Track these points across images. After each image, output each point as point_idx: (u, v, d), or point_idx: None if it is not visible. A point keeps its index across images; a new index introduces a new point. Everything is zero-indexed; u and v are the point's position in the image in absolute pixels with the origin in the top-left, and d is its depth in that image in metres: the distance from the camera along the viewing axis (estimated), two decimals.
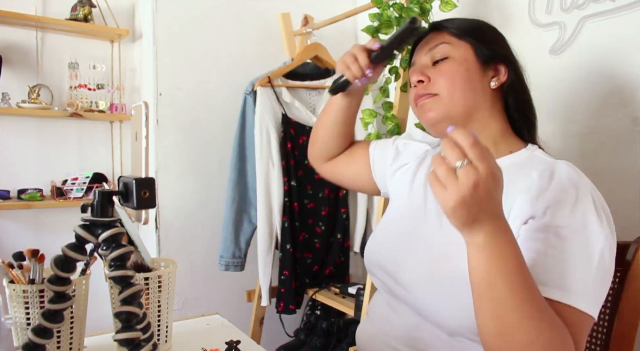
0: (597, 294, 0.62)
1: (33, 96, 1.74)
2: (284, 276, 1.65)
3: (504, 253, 0.55)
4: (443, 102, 0.77)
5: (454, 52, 0.78)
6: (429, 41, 0.82)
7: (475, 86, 0.77)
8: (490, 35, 0.82)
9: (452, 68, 0.77)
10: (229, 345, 0.83)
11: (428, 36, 0.83)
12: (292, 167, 1.65)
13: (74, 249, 0.64)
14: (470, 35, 0.79)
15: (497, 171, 0.53)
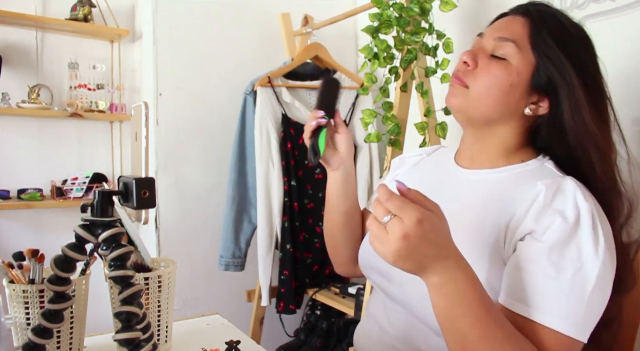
0: (586, 320, 0.61)
1: (33, 96, 1.75)
2: (284, 276, 1.65)
3: (461, 290, 0.56)
4: (469, 99, 0.73)
5: (515, 59, 0.70)
6: (508, 24, 0.73)
7: (509, 102, 0.71)
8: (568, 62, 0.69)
9: (500, 74, 0.70)
10: (229, 345, 0.83)
11: (514, 17, 0.73)
12: (292, 167, 1.65)
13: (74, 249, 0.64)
14: (545, 53, 0.69)
15: (426, 216, 0.53)
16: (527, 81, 0.70)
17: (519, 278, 0.63)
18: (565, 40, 0.70)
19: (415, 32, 1.31)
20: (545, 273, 0.61)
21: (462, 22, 1.51)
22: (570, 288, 0.60)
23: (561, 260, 0.61)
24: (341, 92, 0.84)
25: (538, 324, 0.60)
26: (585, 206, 0.63)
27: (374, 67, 1.35)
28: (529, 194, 0.66)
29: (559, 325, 0.59)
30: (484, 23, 1.50)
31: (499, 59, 0.71)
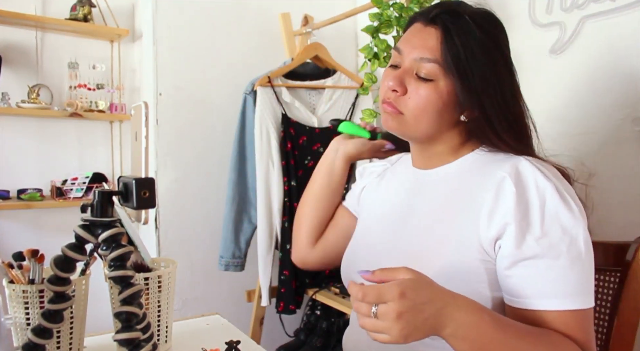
0: (589, 283, 0.65)
1: (33, 95, 1.75)
2: (284, 276, 1.65)
3: (473, 326, 0.58)
4: (405, 124, 0.74)
5: (441, 80, 0.71)
6: (423, 40, 0.72)
7: (445, 118, 0.73)
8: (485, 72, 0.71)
9: (430, 97, 0.71)
10: (229, 345, 0.83)
11: (425, 28, 0.73)
12: (292, 167, 1.65)
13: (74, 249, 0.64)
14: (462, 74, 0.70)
15: (404, 286, 0.55)
16: (455, 98, 0.72)
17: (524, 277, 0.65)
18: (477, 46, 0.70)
19: None
20: (545, 263, 0.64)
21: None
22: (571, 265, 0.63)
23: (552, 244, 0.64)
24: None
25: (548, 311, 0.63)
26: (548, 186, 0.66)
27: (374, 67, 1.35)
28: (492, 181, 0.68)
29: (572, 303, 0.63)
30: None
31: (426, 81, 0.71)
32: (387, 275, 0.58)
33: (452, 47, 0.69)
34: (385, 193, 0.88)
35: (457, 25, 0.70)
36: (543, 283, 0.64)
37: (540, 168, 0.68)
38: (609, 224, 1.18)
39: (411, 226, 0.77)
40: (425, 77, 0.71)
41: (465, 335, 0.58)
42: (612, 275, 0.89)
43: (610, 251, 0.90)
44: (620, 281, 0.87)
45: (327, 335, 1.69)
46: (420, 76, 0.71)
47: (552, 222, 0.64)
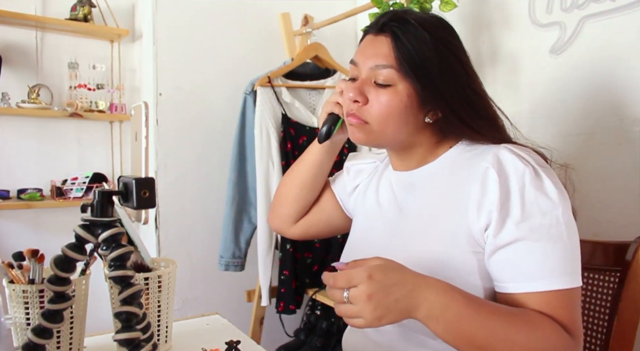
0: (573, 263, 0.65)
1: (33, 95, 1.74)
2: (284, 276, 1.65)
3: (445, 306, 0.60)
4: (372, 133, 0.75)
5: (399, 83, 0.71)
6: (375, 48, 0.73)
7: (409, 121, 0.73)
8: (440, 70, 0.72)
9: (391, 102, 0.72)
10: (229, 345, 0.83)
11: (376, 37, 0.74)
12: None
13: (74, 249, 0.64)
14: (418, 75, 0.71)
15: (372, 270, 0.58)
16: (416, 100, 0.72)
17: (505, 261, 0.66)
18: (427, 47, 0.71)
19: None
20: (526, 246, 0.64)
21: (462, 22, 1.51)
22: (553, 247, 0.64)
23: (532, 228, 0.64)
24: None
25: (531, 293, 0.64)
26: (527, 171, 0.66)
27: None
28: (476, 172, 0.69)
29: (554, 284, 0.63)
30: (484, 23, 1.50)
31: (385, 87, 0.72)
32: (358, 263, 0.61)
33: (404, 50, 0.71)
34: (376, 193, 0.87)
35: (405, 31, 0.71)
36: (524, 266, 0.65)
37: (520, 154, 0.68)
38: (609, 224, 1.18)
39: (404, 228, 0.77)
40: (384, 83, 0.72)
41: (439, 315, 0.59)
42: (612, 275, 0.89)
43: (610, 251, 0.90)
44: (620, 281, 0.87)
45: (327, 335, 1.69)
46: (378, 83, 0.72)
47: (532, 206, 0.65)
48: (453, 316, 0.60)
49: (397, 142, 0.77)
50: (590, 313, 0.91)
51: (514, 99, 1.38)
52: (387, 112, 0.72)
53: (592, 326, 0.91)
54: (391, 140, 0.76)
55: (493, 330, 0.60)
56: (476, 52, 1.47)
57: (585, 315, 0.92)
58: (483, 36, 1.47)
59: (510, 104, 1.36)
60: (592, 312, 0.91)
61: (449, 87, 0.72)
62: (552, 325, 0.62)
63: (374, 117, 0.73)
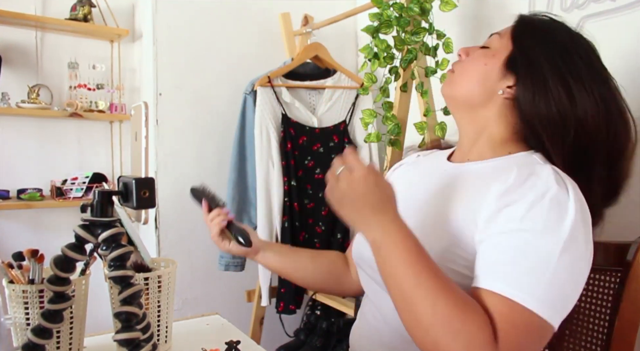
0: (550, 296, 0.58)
1: (33, 95, 1.74)
2: None
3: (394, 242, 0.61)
4: (453, 82, 0.80)
5: (494, 45, 0.78)
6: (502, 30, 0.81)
7: (485, 85, 0.75)
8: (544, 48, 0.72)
9: (477, 57, 0.78)
10: (229, 345, 0.83)
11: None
12: (292, 167, 1.65)
13: (74, 249, 0.64)
14: (520, 39, 0.75)
15: (372, 174, 0.62)
16: (501, 62, 0.75)
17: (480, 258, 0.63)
18: (545, 36, 0.74)
19: (415, 32, 1.31)
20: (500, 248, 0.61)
21: (462, 22, 1.51)
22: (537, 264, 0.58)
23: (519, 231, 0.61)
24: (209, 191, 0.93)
25: (484, 289, 0.60)
26: (550, 187, 0.62)
27: (374, 67, 1.35)
28: (504, 175, 0.66)
29: (504, 289, 0.58)
30: (484, 23, 1.50)
31: (483, 48, 0.80)
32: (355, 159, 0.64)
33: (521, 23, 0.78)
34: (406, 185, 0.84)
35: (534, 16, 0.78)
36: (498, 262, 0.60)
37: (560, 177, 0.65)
38: (609, 224, 1.17)
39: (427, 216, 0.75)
40: (484, 45, 0.80)
41: (383, 246, 0.61)
42: (612, 275, 0.89)
43: (611, 251, 0.90)
44: (621, 282, 0.87)
45: (327, 335, 1.68)
46: (483, 46, 0.80)
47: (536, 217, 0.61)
48: (395, 253, 0.60)
49: (466, 101, 0.78)
50: (591, 314, 0.91)
51: None
52: (469, 65, 0.78)
53: (592, 327, 0.91)
54: (462, 94, 0.78)
55: (423, 285, 0.58)
56: None
57: (586, 316, 0.92)
58: (483, 36, 1.47)
59: None
60: (592, 312, 0.91)
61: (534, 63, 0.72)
62: (484, 320, 0.57)
63: (460, 66, 0.80)
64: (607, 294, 0.90)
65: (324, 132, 1.72)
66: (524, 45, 0.74)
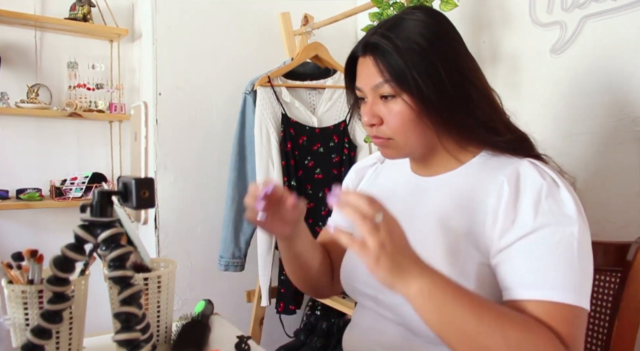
0: (581, 283, 0.63)
1: (32, 95, 1.74)
2: (283, 277, 1.65)
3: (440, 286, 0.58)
4: (399, 147, 0.75)
5: (402, 94, 0.71)
6: (368, 69, 0.73)
7: (428, 125, 0.73)
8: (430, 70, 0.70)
9: (403, 111, 0.72)
10: (240, 339, 0.83)
11: (365, 59, 0.75)
12: (292, 167, 1.65)
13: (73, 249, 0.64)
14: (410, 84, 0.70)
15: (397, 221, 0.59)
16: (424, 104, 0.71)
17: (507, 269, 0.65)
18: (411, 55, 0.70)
19: None
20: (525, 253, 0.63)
21: (462, 21, 1.51)
22: (560, 260, 0.62)
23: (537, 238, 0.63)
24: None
25: (526, 300, 0.62)
26: (542, 184, 0.66)
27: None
28: (494, 186, 0.69)
29: (554, 295, 0.61)
30: (485, 23, 1.50)
31: (391, 98, 0.73)
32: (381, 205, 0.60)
33: (387, 64, 0.71)
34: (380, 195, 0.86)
35: (387, 43, 0.71)
36: (527, 270, 0.63)
37: (542, 167, 0.68)
38: (609, 224, 1.17)
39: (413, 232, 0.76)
40: (388, 94, 0.72)
41: (431, 294, 0.57)
42: (612, 275, 0.89)
43: (611, 251, 0.90)
44: (621, 282, 0.87)
45: (327, 335, 1.68)
46: (384, 96, 0.73)
47: (545, 215, 0.64)
48: (445, 295, 0.58)
49: (424, 148, 0.76)
50: (591, 314, 0.91)
51: (514, 99, 1.38)
52: (402, 122, 0.72)
53: (593, 327, 0.91)
54: (418, 147, 0.76)
55: (485, 320, 0.58)
56: (476, 52, 1.47)
57: None
58: (483, 36, 1.47)
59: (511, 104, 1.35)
60: (593, 313, 0.91)
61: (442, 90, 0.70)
62: (548, 332, 0.59)
63: (393, 131, 0.74)
64: (607, 294, 0.89)
65: (324, 132, 1.72)
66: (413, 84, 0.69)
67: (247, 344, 0.83)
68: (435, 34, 0.72)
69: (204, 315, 0.94)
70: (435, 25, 0.73)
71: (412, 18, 0.73)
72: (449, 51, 0.72)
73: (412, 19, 0.73)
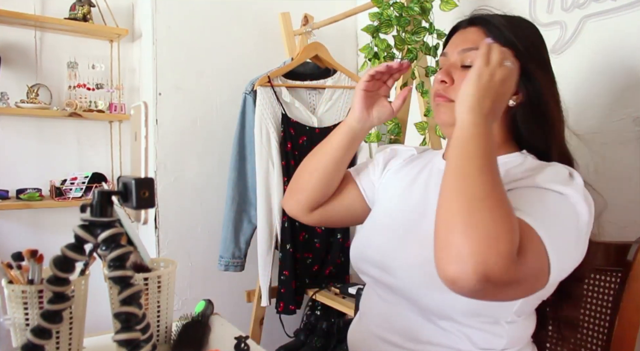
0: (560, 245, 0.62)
1: (32, 95, 1.74)
2: (283, 277, 1.65)
3: (489, 135, 0.63)
4: None
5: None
6: (465, 37, 0.78)
7: None
8: (529, 51, 0.76)
9: None
10: (238, 340, 0.83)
11: (466, 29, 0.79)
12: (292, 167, 1.65)
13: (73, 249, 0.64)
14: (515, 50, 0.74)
15: (514, 76, 0.68)
16: None
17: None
18: (516, 32, 0.76)
19: (415, 32, 1.31)
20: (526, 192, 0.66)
21: None
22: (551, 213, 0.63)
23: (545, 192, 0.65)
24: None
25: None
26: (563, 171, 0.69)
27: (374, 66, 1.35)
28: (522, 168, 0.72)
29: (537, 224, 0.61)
30: None
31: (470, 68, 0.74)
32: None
33: (495, 33, 0.75)
34: (407, 182, 0.86)
35: (495, 19, 0.77)
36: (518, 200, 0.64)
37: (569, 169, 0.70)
38: (609, 224, 1.17)
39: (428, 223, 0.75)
40: (470, 64, 0.75)
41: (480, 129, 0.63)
42: (612, 275, 0.89)
43: (611, 251, 0.90)
44: (621, 282, 0.87)
45: (327, 335, 1.68)
46: (465, 66, 0.76)
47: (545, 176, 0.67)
48: (482, 136, 0.62)
49: None
50: (592, 314, 0.91)
51: None
52: None
53: (593, 327, 0.91)
54: None
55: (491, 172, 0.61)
56: None
57: (587, 316, 0.92)
58: None
59: None
60: (593, 312, 0.91)
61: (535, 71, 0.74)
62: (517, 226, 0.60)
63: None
64: (607, 294, 0.89)
65: (324, 132, 1.72)
66: (513, 52, 0.73)
67: (246, 344, 0.83)
68: (542, 40, 0.79)
69: (204, 315, 0.94)
70: (541, 36, 0.80)
71: (521, 19, 0.80)
72: (547, 60, 0.79)
73: (522, 19, 0.80)
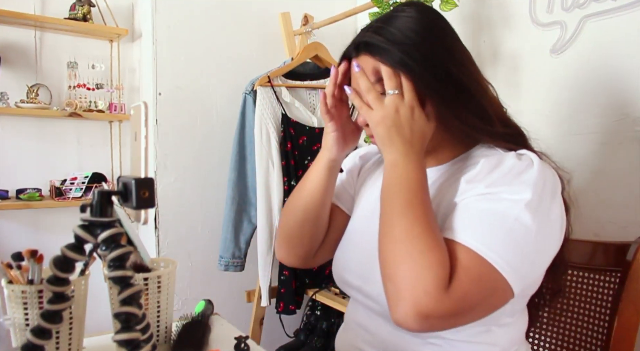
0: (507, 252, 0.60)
1: (32, 95, 1.74)
2: (283, 277, 1.65)
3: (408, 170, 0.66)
4: None
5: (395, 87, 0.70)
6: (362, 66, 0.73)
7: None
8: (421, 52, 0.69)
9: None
10: (238, 341, 0.83)
11: (358, 58, 0.74)
12: (292, 167, 1.65)
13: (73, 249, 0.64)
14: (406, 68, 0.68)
15: (417, 110, 0.67)
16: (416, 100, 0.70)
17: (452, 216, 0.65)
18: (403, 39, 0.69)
19: None
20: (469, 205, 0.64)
21: (462, 21, 1.51)
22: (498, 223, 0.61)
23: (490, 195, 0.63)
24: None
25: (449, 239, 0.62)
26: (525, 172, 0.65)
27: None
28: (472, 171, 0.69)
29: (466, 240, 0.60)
30: (485, 22, 1.50)
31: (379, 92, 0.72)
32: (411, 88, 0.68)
33: (383, 55, 0.69)
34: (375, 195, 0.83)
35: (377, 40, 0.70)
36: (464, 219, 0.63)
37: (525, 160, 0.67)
38: (609, 224, 1.17)
39: None
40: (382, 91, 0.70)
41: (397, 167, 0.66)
42: (612, 275, 0.89)
43: (611, 251, 0.90)
44: (621, 282, 0.87)
45: (327, 335, 1.68)
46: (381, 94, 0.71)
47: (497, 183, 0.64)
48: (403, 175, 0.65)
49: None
50: (591, 314, 0.91)
51: (515, 99, 1.38)
52: None
53: (592, 327, 0.91)
54: None
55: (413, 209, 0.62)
56: (476, 52, 1.47)
57: (586, 316, 0.92)
58: (483, 36, 1.47)
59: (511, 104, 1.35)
60: (592, 312, 0.91)
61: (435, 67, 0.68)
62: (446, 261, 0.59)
63: None
64: (607, 294, 0.90)
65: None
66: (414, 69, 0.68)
67: (246, 344, 0.83)
68: (427, 28, 0.71)
69: (204, 315, 0.94)
70: (426, 20, 0.72)
71: (402, 15, 0.72)
72: (442, 44, 0.71)
73: (403, 15, 0.71)
